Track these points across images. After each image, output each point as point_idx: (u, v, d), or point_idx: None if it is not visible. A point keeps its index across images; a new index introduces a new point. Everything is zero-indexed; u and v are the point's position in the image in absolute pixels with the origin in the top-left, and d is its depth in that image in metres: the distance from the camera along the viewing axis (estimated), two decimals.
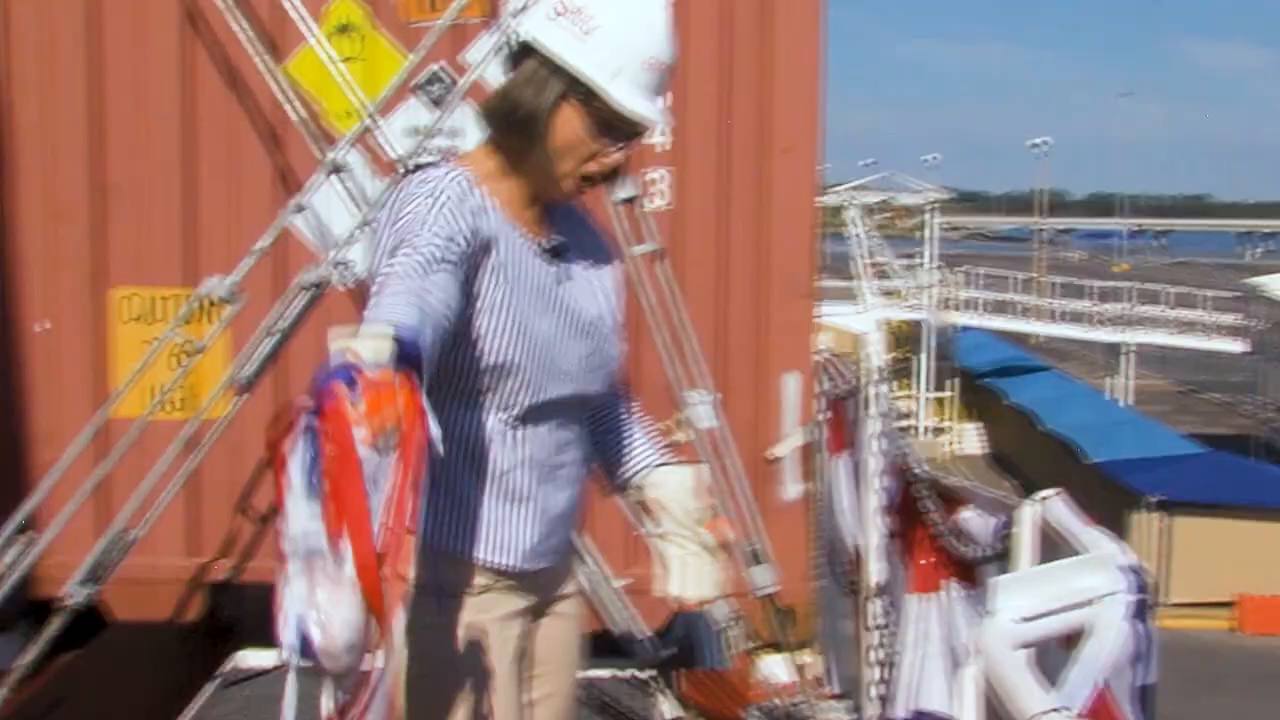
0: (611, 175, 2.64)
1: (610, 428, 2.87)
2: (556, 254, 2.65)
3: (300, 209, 4.85)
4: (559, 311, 2.60)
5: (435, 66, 5.09)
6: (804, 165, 5.26)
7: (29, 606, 5.00)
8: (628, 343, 2.82)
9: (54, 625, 4.39)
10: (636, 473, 2.83)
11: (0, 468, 5.14)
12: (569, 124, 2.54)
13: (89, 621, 4.89)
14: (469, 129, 5.09)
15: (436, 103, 5.06)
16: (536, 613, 2.71)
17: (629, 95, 2.53)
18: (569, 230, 2.72)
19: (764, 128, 5.21)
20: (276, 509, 1.90)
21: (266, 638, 2.00)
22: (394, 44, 5.08)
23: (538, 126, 2.54)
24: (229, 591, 5.47)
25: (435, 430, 2.00)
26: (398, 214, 2.44)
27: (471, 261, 2.45)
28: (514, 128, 2.56)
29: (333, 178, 4.86)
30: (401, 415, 1.94)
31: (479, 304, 2.49)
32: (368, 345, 2.02)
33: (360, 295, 5.09)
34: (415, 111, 5.11)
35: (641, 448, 2.86)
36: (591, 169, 2.58)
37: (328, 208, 5.04)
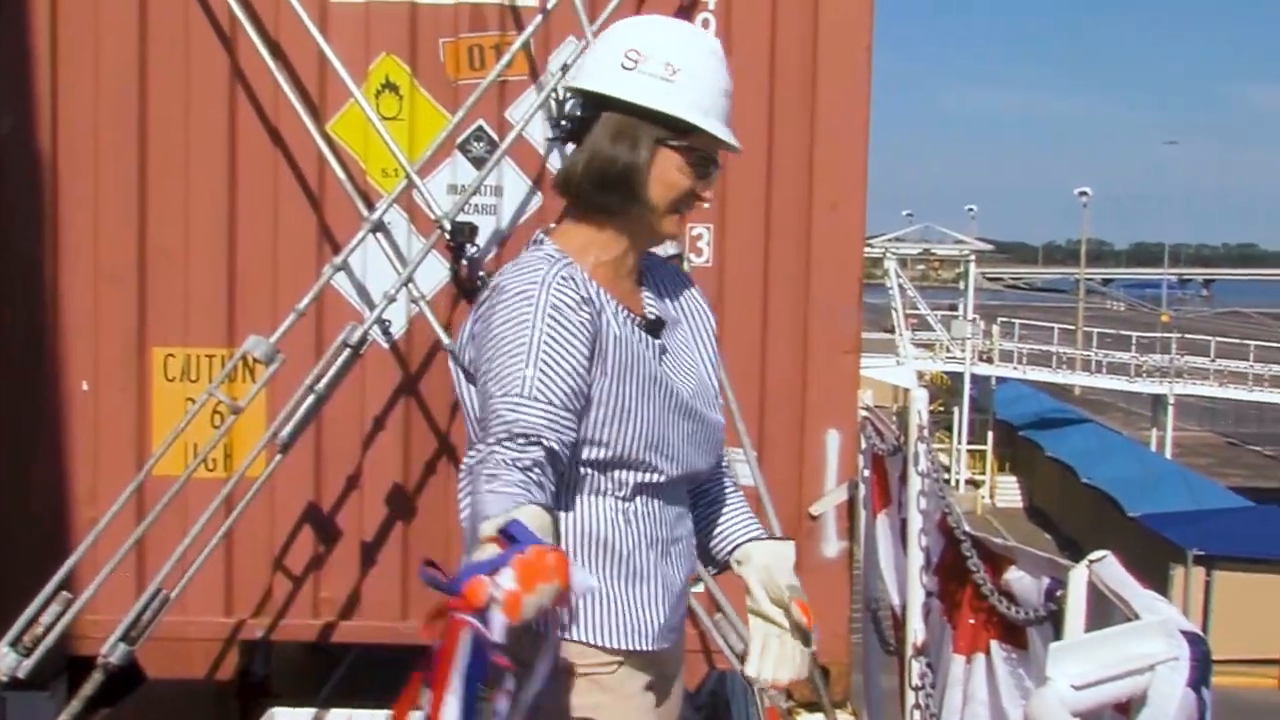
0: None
1: (707, 501, 2.87)
2: (656, 327, 2.67)
3: (341, 268, 4.87)
4: (664, 394, 2.61)
5: (478, 124, 5.10)
6: (851, 221, 5.23)
7: (66, 664, 5.00)
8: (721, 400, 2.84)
9: (90, 683, 4.38)
10: (734, 547, 2.82)
11: (42, 527, 5.14)
12: (668, 169, 2.58)
13: (124, 679, 4.89)
14: (510, 186, 5.11)
15: (479, 161, 5.08)
16: (660, 691, 2.70)
17: (719, 127, 2.59)
18: (663, 285, 2.77)
19: (810, 182, 5.18)
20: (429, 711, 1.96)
21: (298, 695, 2.01)
22: (436, 103, 5.10)
23: (639, 178, 2.56)
24: (262, 649, 5.47)
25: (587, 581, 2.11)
26: (510, 312, 2.47)
27: (588, 363, 2.49)
28: (612, 187, 2.57)
29: (374, 236, 4.88)
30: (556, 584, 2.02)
31: (596, 397, 2.52)
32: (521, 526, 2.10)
33: (400, 354, 5.12)
34: (458, 169, 5.12)
35: (736, 521, 2.86)
36: (688, 205, 2.63)
37: (368, 266, 5.06)
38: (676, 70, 2.54)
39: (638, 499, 2.60)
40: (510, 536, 2.09)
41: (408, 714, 2.05)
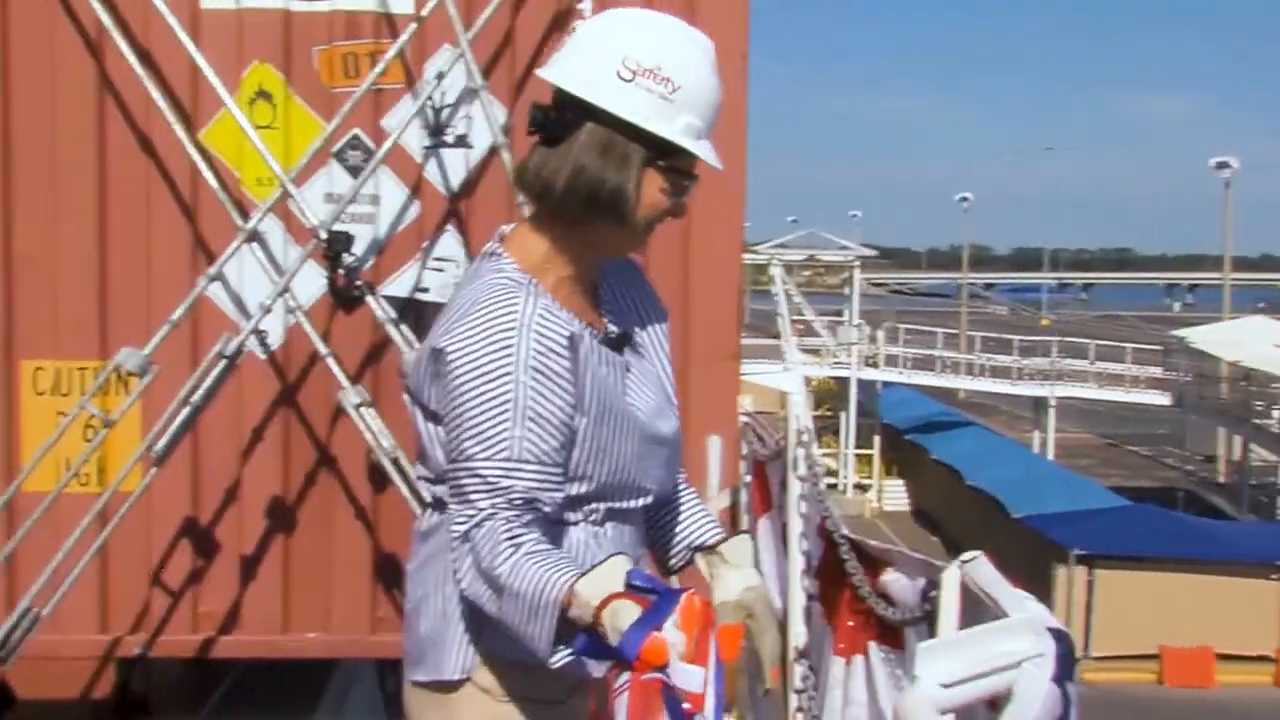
0: None
1: (665, 507, 2.79)
2: (619, 343, 2.59)
3: (216, 278, 4.80)
4: (636, 424, 2.54)
5: (354, 132, 5.06)
6: (729, 228, 5.24)
7: None
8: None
9: None
10: (693, 549, 2.75)
11: None
12: (652, 190, 2.47)
13: None
14: (387, 195, 5.07)
15: (355, 169, 5.03)
16: None
17: (708, 151, 2.50)
18: (618, 286, 2.66)
19: None
20: None
21: (179, 712, 1.99)
22: (311, 111, 5.05)
23: (627, 200, 2.44)
24: (140, 667, 5.38)
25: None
26: (490, 364, 2.36)
27: (572, 409, 2.43)
28: (600, 207, 2.44)
29: (249, 246, 4.82)
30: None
31: (576, 435, 2.46)
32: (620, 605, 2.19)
33: (278, 364, 5.06)
34: (334, 178, 5.07)
35: (696, 522, 2.78)
36: (661, 222, 2.54)
37: (244, 276, 4.99)
38: (676, 89, 2.41)
39: (609, 523, 2.56)
40: (639, 588, 2.20)
41: None
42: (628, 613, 2.16)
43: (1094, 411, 55.86)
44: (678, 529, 2.77)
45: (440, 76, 4.89)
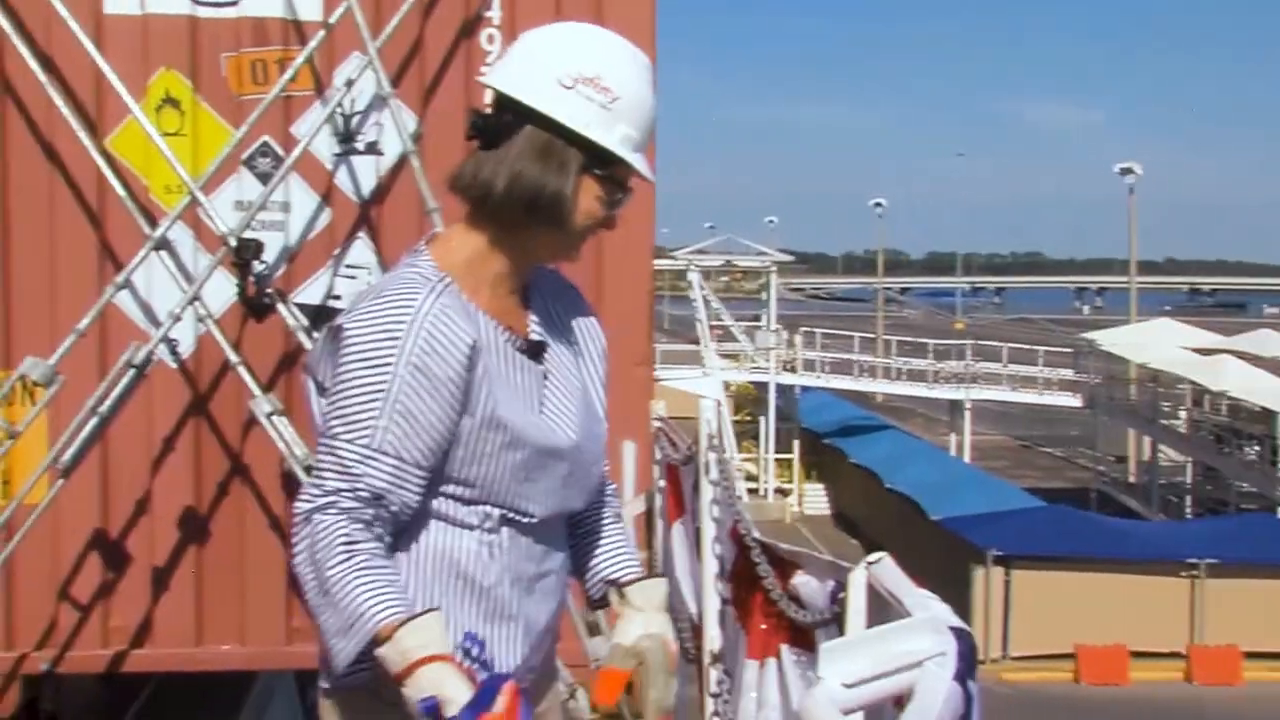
0: None
1: (583, 531, 2.76)
2: (538, 350, 2.58)
3: (124, 287, 4.75)
4: (538, 434, 2.51)
5: (263, 140, 5.03)
6: (639, 234, 5.25)
7: None
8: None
9: None
10: (609, 582, 2.72)
11: None
12: (590, 196, 2.48)
13: None
14: (297, 202, 5.04)
15: (265, 177, 5.00)
16: None
17: (643, 162, 2.51)
18: (551, 301, 2.65)
19: None
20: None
21: None
22: (220, 118, 5.01)
23: (565, 206, 2.45)
24: (49, 683, 5.29)
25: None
26: (373, 349, 2.37)
27: (452, 414, 2.41)
28: (538, 211, 2.45)
29: (158, 254, 4.77)
30: None
31: (460, 436, 2.44)
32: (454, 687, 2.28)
33: (188, 373, 5.01)
34: (244, 185, 5.03)
35: (611, 556, 2.75)
36: (594, 233, 2.54)
37: (153, 285, 4.94)
38: (616, 99, 2.43)
39: (504, 531, 2.52)
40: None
41: None
42: (451, 683, 2.26)
43: (1008, 414, 56.53)
44: (594, 560, 2.75)
45: (349, 83, 4.88)
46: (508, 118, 2.44)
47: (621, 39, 2.53)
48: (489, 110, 2.49)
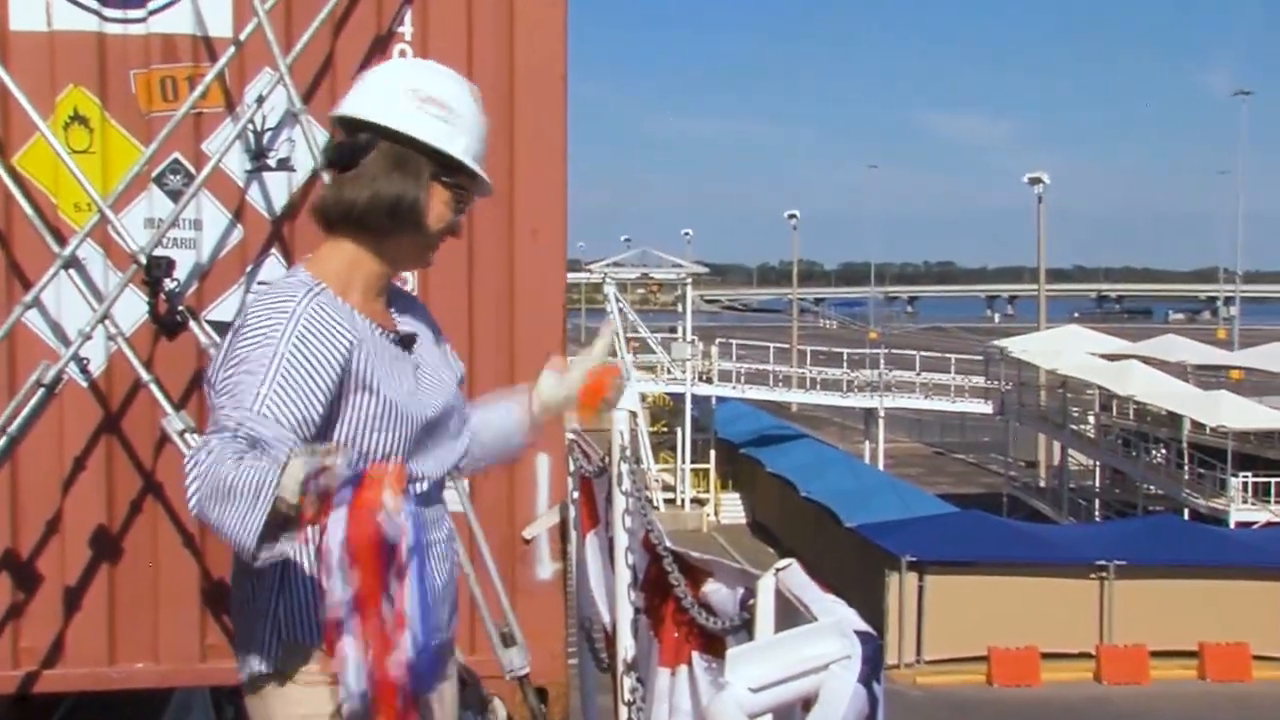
0: None
1: (478, 424, 3.20)
2: (409, 342, 2.92)
3: (32, 305, 4.72)
4: (420, 407, 2.86)
5: (173, 157, 5.01)
6: (552, 247, 5.29)
7: None
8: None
9: None
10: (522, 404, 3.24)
11: None
12: (440, 203, 2.84)
13: None
14: (209, 219, 5.03)
15: (175, 194, 4.99)
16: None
17: (481, 169, 2.89)
18: (406, 310, 3.03)
19: (510, 211, 5.19)
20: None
21: None
22: (129, 135, 4.99)
23: (419, 211, 2.81)
24: None
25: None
26: (255, 335, 2.64)
27: (335, 387, 2.69)
28: (399, 216, 2.80)
29: (67, 272, 4.75)
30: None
31: (345, 414, 2.73)
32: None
33: (99, 392, 4.99)
34: (154, 203, 5.01)
35: (498, 397, 3.27)
36: (443, 239, 2.91)
37: (63, 303, 4.91)
38: (457, 116, 2.83)
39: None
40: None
41: None
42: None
43: (921, 421, 57.11)
44: (496, 416, 3.25)
45: (260, 100, 4.88)
46: (364, 137, 2.80)
47: (455, 73, 2.96)
48: (342, 139, 2.87)
